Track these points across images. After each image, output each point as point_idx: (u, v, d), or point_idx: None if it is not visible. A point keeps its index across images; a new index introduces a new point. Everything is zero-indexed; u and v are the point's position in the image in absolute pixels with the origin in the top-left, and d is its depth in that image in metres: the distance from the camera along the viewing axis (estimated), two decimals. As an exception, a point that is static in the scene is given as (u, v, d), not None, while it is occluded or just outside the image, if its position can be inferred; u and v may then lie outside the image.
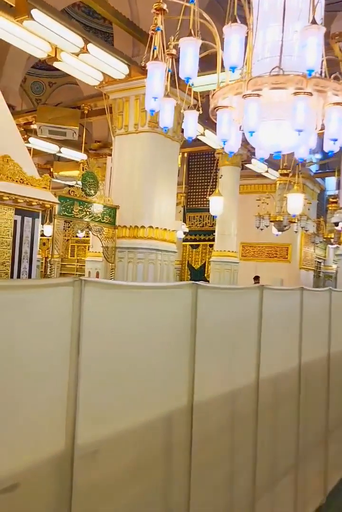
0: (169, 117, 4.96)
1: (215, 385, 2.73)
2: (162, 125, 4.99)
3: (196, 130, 5.40)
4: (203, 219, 19.46)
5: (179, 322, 2.46)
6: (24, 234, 7.70)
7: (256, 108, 3.85)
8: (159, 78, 4.40)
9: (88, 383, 1.86)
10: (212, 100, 4.40)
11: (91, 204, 8.92)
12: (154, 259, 9.57)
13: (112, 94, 9.71)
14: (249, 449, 3.34)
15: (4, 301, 1.58)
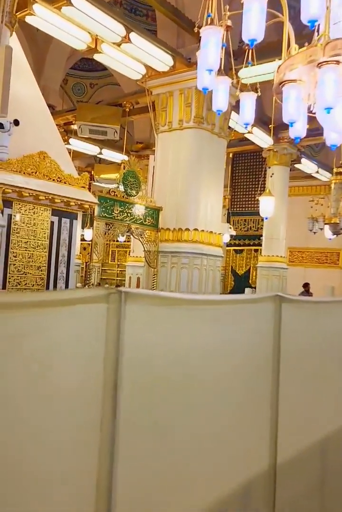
0: (224, 99, 4.30)
1: (302, 432, 2.03)
2: (216, 108, 4.34)
3: (253, 114, 4.69)
4: (248, 223, 18.61)
5: (257, 350, 1.78)
6: (61, 236, 7.22)
7: (333, 79, 3.14)
8: (215, 47, 3.73)
9: (129, 450, 1.21)
10: (276, 76, 3.70)
11: (133, 205, 8.37)
12: (199, 264, 8.91)
13: (155, 89, 9.15)
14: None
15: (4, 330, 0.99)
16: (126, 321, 1.12)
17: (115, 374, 1.14)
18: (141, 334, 1.22)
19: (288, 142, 12.41)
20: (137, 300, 1.17)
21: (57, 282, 7.23)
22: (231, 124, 10.13)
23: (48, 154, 6.79)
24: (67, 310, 1.04)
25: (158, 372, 1.32)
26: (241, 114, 4.68)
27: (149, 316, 1.22)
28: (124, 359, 1.22)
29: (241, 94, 4.66)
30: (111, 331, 1.09)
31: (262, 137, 11.72)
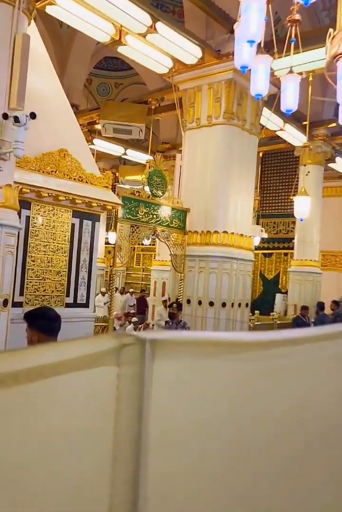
0: (264, 81, 3.77)
1: None
2: (254, 92, 3.80)
3: (297, 100, 4.14)
4: (277, 226, 17.92)
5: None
6: (82, 239, 6.79)
7: None
8: (258, 13, 3.18)
9: None
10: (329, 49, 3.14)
11: (159, 207, 7.89)
12: (229, 269, 8.36)
13: (183, 84, 8.66)
14: None
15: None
16: (153, 395, 0.60)
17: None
18: (179, 411, 0.70)
19: (322, 140, 11.75)
20: (171, 352, 0.64)
21: (78, 288, 6.80)
22: (262, 122, 9.57)
23: (69, 152, 6.37)
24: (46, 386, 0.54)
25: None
26: (283, 99, 4.13)
27: (194, 378, 0.70)
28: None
29: (283, 77, 4.10)
30: (125, 415, 0.59)
31: (294, 134, 11.10)
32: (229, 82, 8.11)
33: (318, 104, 11.53)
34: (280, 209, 17.75)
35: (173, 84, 8.73)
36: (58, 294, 6.51)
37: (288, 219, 17.13)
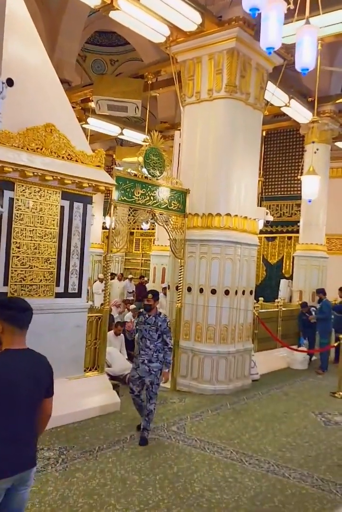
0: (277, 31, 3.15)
1: None
2: (265, 45, 3.23)
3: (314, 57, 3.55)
4: (281, 209, 17.33)
5: None
6: (73, 223, 6.25)
7: None
8: None
9: None
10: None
11: (156, 187, 7.33)
12: (232, 254, 7.83)
13: (181, 55, 8.03)
14: None
15: None
16: None
17: None
18: None
19: (329, 117, 11.13)
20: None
21: (69, 277, 6.27)
22: (267, 97, 8.95)
23: (56, 127, 5.80)
24: None
25: None
26: (298, 56, 3.54)
27: None
28: None
29: (299, 29, 3.51)
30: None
31: (300, 111, 10.48)
32: (231, 52, 7.49)
33: (325, 78, 10.90)
34: (283, 191, 17.14)
35: (170, 55, 8.10)
36: (47, 284, 5.98)
37: (292, 202, 16.55)
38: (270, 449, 5.60)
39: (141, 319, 5.66)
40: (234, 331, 8.01)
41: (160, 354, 5.56)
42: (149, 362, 5.53)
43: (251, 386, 8.45)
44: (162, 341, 5.57)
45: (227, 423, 6.46)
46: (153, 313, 5.62)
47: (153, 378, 5.53)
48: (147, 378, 5.53)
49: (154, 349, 5.54)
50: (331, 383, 8.92)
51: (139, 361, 5.57)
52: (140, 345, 5.61)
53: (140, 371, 5.55)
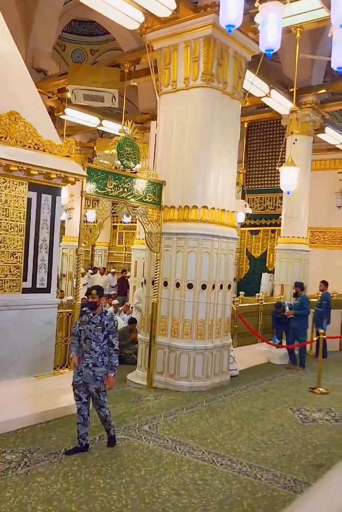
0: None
1: None
2: (225, 22, 3.00)
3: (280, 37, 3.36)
4: (264, 201, 17.20)
5: None
6: (41, 216, 6.02)
7: None
8: None
9: None
10: None
11: (130, 179, 7.10)
12: (209, 248, 7.64)
13: (157, 42, 7.79)
14: None
15: None
16: None
17: None
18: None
19: (311, 108, 10.96)
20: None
21: (37, 272, 6.04)
22: (246, 87, 8.76)
23: (21, 116, 5.55)
24: None
25: None
26: (262, 35, 3.34)
27: None
28: None
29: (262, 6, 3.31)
30: None
31: (281, 101, 10.30)
32: (207, 39, 7.27)
33: (306, 69, 10.73)
34: (267, 184, 17.01)
35: (146, 43, 7.86)
36: (13, 279, 5.74)
37: (276, 194, 16.41)
38: (243, 449, 5.44)
39: (85, 318, 5.10)
40: (211, 326, 7.84)
41: (106, 357, 5.03)
42: (94, 367, 4.98)
43: (229, 383, 8.30)
44: (108, 342, 5.05)
45: (201, 422, 6.29)
46: (98, 311, 5.09)
47: (100, 385, 5.00)
48: (92, 385, 4.99)
49: (100, 351, 5.00)
50: (311, 378, 8.83)
51: (83, 365, 5.00)
52: (84, 347, 5.03)
53: (84, 376, 4.99)
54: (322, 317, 10.64)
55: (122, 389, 7.85)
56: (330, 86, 10.86)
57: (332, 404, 7.37)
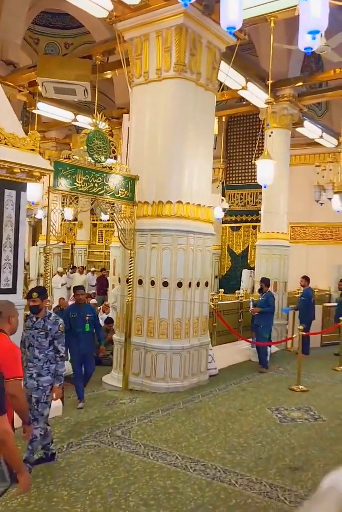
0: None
1: None
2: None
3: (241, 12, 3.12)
4: (245, 197, 17.05)
5: None
6: (5, 212, 5.68)
7: None
8: None
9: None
10: None
11: (101, 174, 6.82)
12: (185, 244, 7.41)
13: (128, 32, 7.52)
14: None
15: None
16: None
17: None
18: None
19: (288, 101, 10.80)
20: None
21: (1, 271, 5.72)
22: (221, 79, 8.55)
23: (-21, 106, 5.23)
24: None
25: None
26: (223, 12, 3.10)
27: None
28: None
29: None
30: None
31: (258, 94, 10.11)
32: (179, 28, 7.03)
33: (283, 61, 10.57)
34: (247, 179, 16.86)
35: (117, 33, 7.58)
36: (-26, 279, 5.42)
37: (256, 190, 16.25)
38: (218, 452, 5.23)
39: (28, 323, 4.68)
40: (188, 325, 7.61)
41: (52, 365, 4.57)
42: (38, 376, 4.52)
43: (208, 382, 8.09)
44: (54, 349, 4.59)
45: (176, 425, 6.06)
46: (41, 315, 4.62)
47: (41, 395, 4.49)
48: (34, 394, 4.49)
49: (45, 359, 4.55)
50: (292, 375, 8.65)
51: (27, 375, 4.50)
52: (28, 355, 4.60)
53: (28, 388, 4.49)
54: (304, 314, 10.50)
55: (97, 392, 7.60)
56: (307, 79, 10.71)
57: (311, 402, 7.20)
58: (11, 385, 2.92)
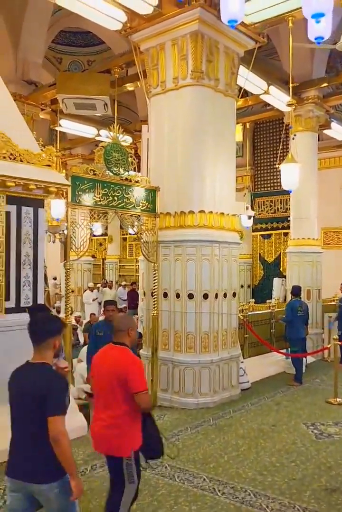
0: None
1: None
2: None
3: (243, 6, 2.92)
4: (275, 204, 16.65)
5: None
6: (22, 230, 5.63)
7: None
8: None
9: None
10: None
11: (120, 186, 6.70)
12: (209, 255, 7.18)
13: (144, 43, 7.42)
14: None
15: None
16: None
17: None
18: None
19: (313, 103, 10.45)
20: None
21: (21, 289, 5.65)
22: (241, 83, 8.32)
23: (-7, 125, 5.20)
24: None
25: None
26: (223, 5, 2.91)
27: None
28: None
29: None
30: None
31: (282, 98, 9.81)
32: (194, 35, 6.87)
33: (306, 63, 10.26)
34: (276, 186, 16.44)
35: (133, 44, 7.50)
36: (-7, 299, 5.36)
37: (286, 196, 15.74)
38: (249, 473, 4.93)
39: None
40: (216, 338, 7.35)
41: None
42: None
43: (240, 397, 7.78)
44: None
45: (205, 443, 5.79)
46: None
47: None
48: None
49: None
50: (329, 387, 8.22)
51: None
52: None
53: None
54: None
55: (125, 410, 7.41)
56: (332, 79, 10.34)
57: (350, 416, 6.80)
58: (138, 398, 3.18)
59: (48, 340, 2.73)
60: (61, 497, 2.65)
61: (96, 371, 3.43)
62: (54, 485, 2.62)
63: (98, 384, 3.39)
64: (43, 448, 2.59)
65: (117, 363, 3.27)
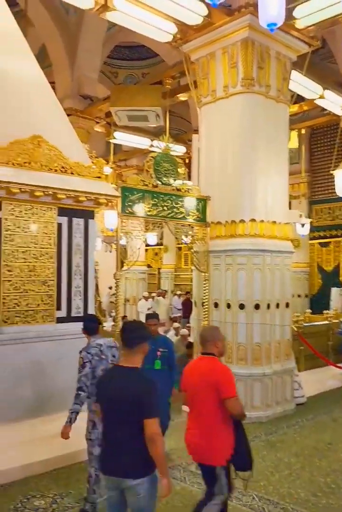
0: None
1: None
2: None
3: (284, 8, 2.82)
4: (333, 211, 16.06)
5: None
6: (73, 241, 5.77)
7: None
8: None
9: None
10: None
11: (170, 196, 6.70)
12: (261, 264, 7.02)
13: (194, 53, 7.43)
14: None
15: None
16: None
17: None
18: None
19: (374, 105, 10.00)
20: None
21: (72, 299, 5.78)
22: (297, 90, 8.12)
23: (45, 139, 5.37)
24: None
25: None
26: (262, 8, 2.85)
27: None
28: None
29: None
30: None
31: (338, 102, 9.47)
32: (245, 42, 6.79)
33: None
34: (335, 192, 15.86)
35: (183, 55, 7.52)
36: (46, 308, 5.52)
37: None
38: (302, 494, 4.72)
39: None
40: (268, 349, 7.15)
41: (89, 399, 4.22)
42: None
43: (294, 412, 7.50)
44: None
45: (256, 460, 5.53)
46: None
47: (86, 432, 4.26)
48: None
49: None
50: None
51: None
52: None
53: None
54: None
55: (176, 421, 7.35)
56: None
57: None
58: (228, 404, 3.33)
59: (141, 345, 2.93)
60: (149, 493, 2.84)
61: (188, 382, 3.56)
62: (145, 480, 2.80)
63: (190, 395, 3.53)
64: (137, 447, 2.79)
65: (208, 371, 3.40)
